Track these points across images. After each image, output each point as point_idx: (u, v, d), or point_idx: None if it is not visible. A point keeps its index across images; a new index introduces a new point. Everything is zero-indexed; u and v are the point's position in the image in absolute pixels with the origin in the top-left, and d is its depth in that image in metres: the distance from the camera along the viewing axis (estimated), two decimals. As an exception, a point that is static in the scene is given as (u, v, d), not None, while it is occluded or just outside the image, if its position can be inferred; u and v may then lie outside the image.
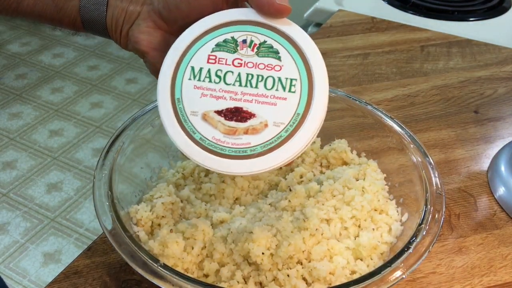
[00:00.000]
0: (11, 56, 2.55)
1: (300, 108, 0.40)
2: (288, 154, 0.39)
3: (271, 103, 0.40)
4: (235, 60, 0.41)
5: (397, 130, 0.57)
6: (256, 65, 0.41)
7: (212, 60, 0.41)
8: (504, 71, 0.88)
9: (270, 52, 0.41)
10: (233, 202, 0.57)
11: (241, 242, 0.48)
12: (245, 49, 0.41)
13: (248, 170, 0.40)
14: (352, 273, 0.48)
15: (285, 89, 0.40)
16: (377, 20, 1.02)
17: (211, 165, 0.40)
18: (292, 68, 0.40)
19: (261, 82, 0.40)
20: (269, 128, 0.40)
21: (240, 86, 0.41)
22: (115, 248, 0.44)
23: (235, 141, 0.40)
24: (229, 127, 0.40)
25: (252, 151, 0.40)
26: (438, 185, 0.51)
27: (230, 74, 0.41)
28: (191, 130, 0.41)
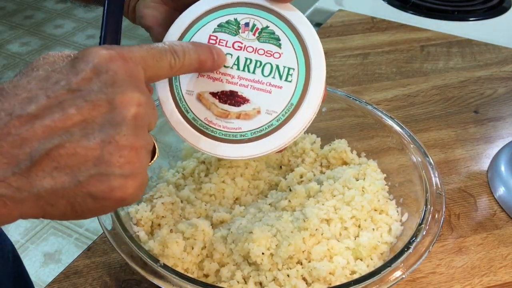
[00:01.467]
0: (11, 56, 2.55)
1: (294, 99, 0.40)
2: (277, 143, 0.39)
3: (266, 90, 0.40)
4: (235, 43, 0.41)
5: (397, 130, 0.57)
6: (256, 50, 0.40)
7: (212, 41, 0.41)
8: (504, 71, 0.88)
9: (271, 38, 0.40)
10: (233, 202, 0.57)
11: (241, 242, 0.48)
12: (246, 32, 0.41)
13: (235, 155, 0.40)
14: (352, 273, 0.48)
15: (282, 77, 0.40)
16: (377, 20, 1.02)
17: (200, 145, 0.40)
18: (291, 56, 0.40)
19: (258, 68, 0.40)
20: (261, 115, 0.40)
21: (238, 70, 0.40)
22: (115, 248, 0.44)
23: (226, 124, 0.40)
24: (222, 110, 0.40)
25: (242, 136, 0.40)
26: (438, 185, 0.51)
27: (229, 56, 0.41)
28: (184, 109, 0.41)
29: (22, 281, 0.72)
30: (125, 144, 0.30)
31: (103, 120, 0.30)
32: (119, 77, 0.30)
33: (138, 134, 0.30)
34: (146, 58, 0.33)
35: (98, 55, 0.30)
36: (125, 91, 0.30)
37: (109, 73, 0.30)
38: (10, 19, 2.84)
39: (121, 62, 0.31)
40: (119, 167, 0.30)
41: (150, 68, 0.33)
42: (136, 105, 0.30)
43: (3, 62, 2.50)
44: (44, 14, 2.91)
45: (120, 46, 0.32)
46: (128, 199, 0.31)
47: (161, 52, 0.34)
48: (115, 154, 0.30)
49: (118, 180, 0.30)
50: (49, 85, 0.30)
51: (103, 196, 0.30)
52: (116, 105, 0.30)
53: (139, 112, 0.30)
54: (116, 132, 0.30)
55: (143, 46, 0.33)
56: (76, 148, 0.29)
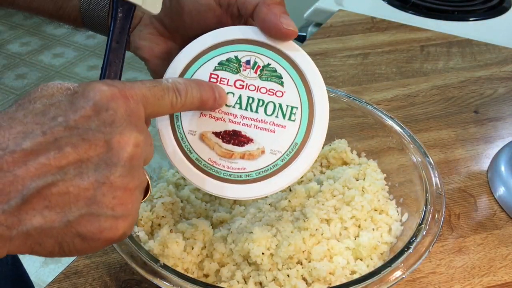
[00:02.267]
0: (11, 56, 2.55)
1: (298, 138, 0.40)
2: (282, 183, 0.40)
3: (270, 129, 0.40)
4: (237, 81, 0.40)
5: (397, 130, 0.57)
6: (258, 89, 0.40)
7: (213, 79, 0.41)
8: (504, 71, 0.88)
9: (273, 76, 0.40)
10: (233, 202, 0.57)
11: (241, 242, 0.48)
12: (248, 70, 0.40)
13: (241, 195, 0.40)
14: (352, 273, 0.48)
15: (285, 116, 0.40)
16: (377, 20, 1.02)
17: (204, 186, 0.40)
18: (294, 95, 0.40)
19: (261, 107, 0.40)
20: (265, 155, 0.40)
21: (240, 109, 0.40)
22: (115, 248, 0.44)
23: (230, 164, 0.40)
24: (226, 150, 0.40)
25: (247, 176, 0.40)
26: (438, 185, 0.51)
27: (231, 95, 0.40)
28: (187, 149, 0.41)
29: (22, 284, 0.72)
30: (119, 185, 0.29)
31: (99, 160, 0.29)
32: (119, 116, 0.30)
33: (133, 175, 0.30)
34: (148, 96, 0.32)
35: (99, 92, 0.30)
36: (124, 131, 0.30)
37: (109, 112, 0.30)
38: (10, 19, 2.84)
39: (122, 101, 0.30)
40: (111, 208, 0.29)
41: (151, 105, 0.33)
42: (133, 145, 0.30)
43: (3, 62, 2.50)
44: (44, 14, 2.91)
45: (122, 82, 0.32)
46: (118, 239, 0.31)
47: (163, 90, 0.34)
48: (108, 195, 0.29)
49: (109, 221, 0.30)
50: (46, 120, 0.29)
51: (92, 236, 0.30)
52: (113, 146, 0.29)
53: (136, 153, 0.30)
54: (111, 173, 0.29)
55: (145, 83, 0.33)
56: (69, 187, 0.28)
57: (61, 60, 2.53)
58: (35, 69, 2.45)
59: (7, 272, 0.68)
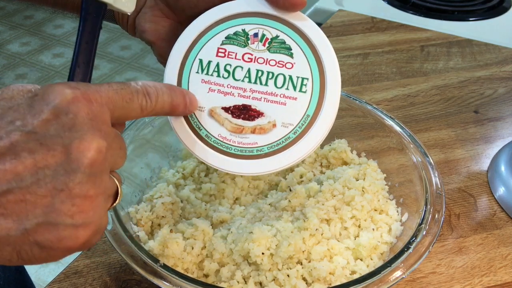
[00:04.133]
0: (11, 56, 2.55)
1: (310, 110, 0.38)
2: (295, 157, 0.38)
3: (281, 102, 0.39)
4: (245, 54, 0.40)
5: (397, 130, 0.57)
6: (267, 61, 0.39)
7: (221, 54, 0.40)
8: (504, 71, 0.88)
9: (282, 48, 0.39)
10: (233, 202, 0.57)
11: (241, 242, 0.48)
12: (256, 43, 0.40)
13: (253, 171, 0.39)
14: (352, 273, 0.48)
15: (296, 88, 0.39)
16: (377, 20, 1.02)
17: (215, 163, 0.39)
18: (304, 66, 0.39)
19: (271, 79, 0.39)
20: (277, 128, 0.39)
21: (249, 82, 0.39)
22: (115, 248, 0.44)
23: (241, 140, 0.39)
24: (236, 125, 0.39)
25: (258, 151, 0.39)
26: (438, 185, 0.51)
27: (239, 69, 0.40)
28: (197, 126, 0.40)
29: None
30: (78, 193, 0.28)
31: (57, 166, 0.28)
32: (79, 120, 0.28)
33: (94, 182, 0.29)
34: (115, 99, 0.31)
35: (60, 95, 0.28)
36: (84, 136, 0.28)
37: (68, 115, 0.28)
38: (10, 19, 2.84)
39: (84, 104, 0.29)
40: (70, 216, 0.28)
41: (119, 109, 0.31)
42: (94, 151, 0.28)
43: (3, 62, 2.50)
44: (44, 14, 2.91)
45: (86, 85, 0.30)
46: (79, 248, 0.30)
47: (132, 94, 0.32)
48: (67, 202, 0.28)
49: (68, 230, 0.28)
50: (3, 124, 0.28)
51: (50, 245, 0.28)
52: (72, 151, 0.28)
53: (97, 159, 0.29)
54: (70, 180, 0.28)
55: (112, 85, 0.31)
56: (25, 195, 0.27)
57: (61, 60, 2.53)
58: (35, 69, 2.45)
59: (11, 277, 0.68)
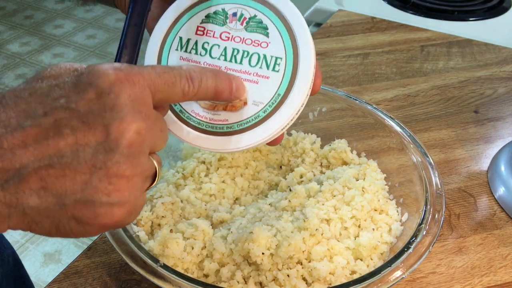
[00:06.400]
0: (11, 56, 2.55)
1: (281, 89, 0.38)
2: (264, 135, 0.38)
3: (253, 81, 0.39)
4: (223, 33, 0.40)
5: (397, 130, 0.57)
6: (243, 40, 0.40)
7: (200, 32, 0.41)
8: (504, 71, 0.88)
9: (258, 28, 0.40)
10: (233, 202, 0.57)
11: (241, 242, 0.48)
12: (234, 22, 0.40)
13: (221, 147, 0.39)
14: (352, 273, 0.48)
15: (269, 67, 0.39)
16: (377, 20, 1.02)
17: (185, 138, 0.40)
18: (279, 46, 0.39)
19: (246, 58, 0.39)
20: (248, 106, 0.39)
21: (225, 60, 0.40)
22: (115, 248, 0.44)
23: (213, 116, 0.39)
24: (209, 102, 0.40)
25: (228, 128, 0.39)
26: (438, 185, 0.51)
27: (216, 47, 0.40)
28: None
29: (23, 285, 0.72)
30: (115, 172, 0.29)
31: (97, 145, 0.28)
32: (121, 101, 0.29)
33: (132, 162, 0.29)
34: (157, 82, 0.31)
35: (104, 75, 0.29)
36: (124, 117, 0.29)
37: (110, 96, 0.29)
38: (10, 19, 2.84)
39: (127, 85, 0.29)
40: (106, 194, 0.29)
41: (161, 92, 0.32)
42: (133, 132, 0.29)
43: (3, 62, 2.50)
44: (44, 14, 2.91)
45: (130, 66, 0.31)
46: (115, 225, 0.31)
47: (175, 77, 0.32)
48: (104, 180, 0.29)
49: (104, 208, 0.29)
50: (49, 100, 0.29)
51: (87, 221, 0.29)
52: (111, 131, 0.28)
53: (136, 140, 0.29)
54: (108, 159, 0.28)
55: (156, 68, 0.32)
56: (65, 170, 0.28)
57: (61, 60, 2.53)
58: (35, 69, 2.45)
59: (9, 272, 0.68)
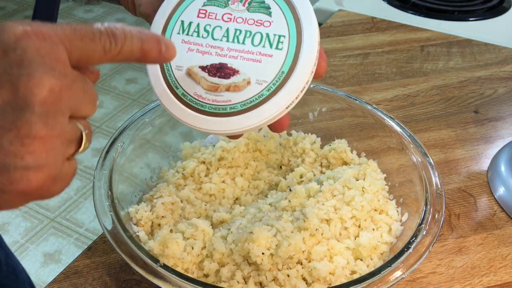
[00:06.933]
0: (11, 56, 2.55)
1: (285, 67, 0.38)
2: (267, 114, 0.38)
3: (256, 60, 0.39)
4: (225, 15, 0.40)
5: (397, 130, 0.57)
6: (246, 21, 0.40)
7: (202, 15, 0.41)
8: (504, 71, 0.88)
9: (261, 8, 0.40)
10: (233, 202, 0.57)
11: (241, 242, 0.48)
12: (236, 4, 0.40)
13: (225, 128, 0.38)
14: (352, 273, 0.48)
15: (272, 46, 0.39)
16: (377, 20, 1.02)
17: (188, 121, 0.39)
18: (281, 24, 0.39)
19: (248, 38, 0.39)
20: (251, 86, 0.38)
21: (227, 41, 0.39)
22: (115, 248, 0.44)
23: (216, 97, 0.39)
24: (211, 83, 0.39)
25: (231, 109, 0.38)
26: (438, 185, 0.51)
27: (218, 29, 0.40)
28: (174, 84, 0.40)
29: None
30: (26, 133, 0.27)
31: (5, 105, 0.26)
32: (28, 56, 0.27)
33: (46, 122, 0.27)
34: (72, 38, 0.29)
35: (10, 31, 0.27)
36: (33, 72, 0.26)
37: (17, 51, 0.27)
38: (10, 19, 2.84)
39: (35, 40, 0.27)
40: (20, 157, 0.27)
41: (78, 49, 0.29)
42: (44, 88, 0.27)
43: (3, 62, 2.50)
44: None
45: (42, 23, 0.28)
46: (36, 193, 0.29)
47: (93, 34, 0.30)
48: (16, 143, 0.27)
49: (18, 172, 0.27)
50: None
51: (2, 188, 0.27)
52: (19, 88, 0.26)
53: (49, 98, 0.27)
54: (17, 118, 0.26)
55: (71, 25, 0.29)
56: None
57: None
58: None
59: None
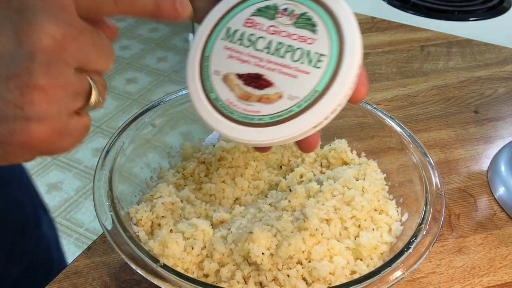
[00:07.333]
0: (11, 56, 2.55)
1: (319, 86, 0.38)
2: (294, 131, 0.37)
3: (293, 75, 0.38)
4: (270, 27, 0.40)
5: (397, 130, 0.57)
6: (290, 35, 0.40)
7: (248, 24, 0.41)
8: (504, 71, 0.88)
9: (307, 24, 0.39)
10: (233, 202, 0.57)
11: (241, 242, 0.48)
12: (284, 17, 0.40)
13: (246, 138, 0.38)
14: (352, 273, 0.48)
15: (311, 63, 0.38)
16: (377, 20, 1.02)
17: (215, 125, 0.40)
18: (325, 43, 0.38)
19: (289, 52, 0.39)
20: (282, 100, 0.38)
21: (268, 53, 0.40)
22: (115, 248, 0.44)
23: (246, 106, 0.39)
24: (244, 91, 0.39)
25: (259, 120, 0.38)
26: (438, 185, 0.51)
27: (261, 40, 0.40)
28: (209, 88, 0.40)
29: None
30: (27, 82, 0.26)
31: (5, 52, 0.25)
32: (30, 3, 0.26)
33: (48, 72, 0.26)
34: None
35: None
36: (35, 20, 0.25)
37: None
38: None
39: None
40: (19, 107, 0.26)
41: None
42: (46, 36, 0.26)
43: (3, 62, 2.50)
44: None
45: None
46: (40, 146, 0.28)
47: None
48: (15, 92, 0.26)
49: (18, 122, 0.26)
50: None
51: (3, 140, 0.27)
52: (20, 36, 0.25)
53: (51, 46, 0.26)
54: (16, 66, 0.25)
55: None
56: None
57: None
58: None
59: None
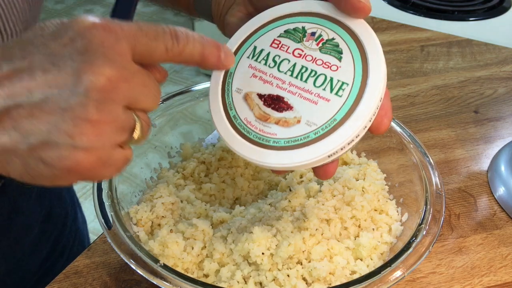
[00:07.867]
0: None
1: (339, 114, 0.37)
2: (308, 158, 0.37)
3: (313, 101, 0.38)
4: (296, 50, 0.40)
5: (397, 130, 0.57)
6: (315, 60, 0.39)
7: (275, 45, 0.41)
8: (504, 71, 0.88)
9: (333, 51, 0.39)
10: (233, 202, 0.57)
11: (241, 242, 0.48)
12: (310, 41, 0.40)
13: (259, 159, 0.38)
14: (352, 273, 0.48)
15: (333, 90, 0.38)
16: (377, 20, 1.02)
17: (231, 143, 0.40)
18: (348, 72, 0.38)
19: (312, 77, 0.39)
20: (300, 125, 0.38)
21: (291, 76, 0.40)
22: (115, 248, 0.44)
23: (263, 127, 0.39)
24: (263, 112, 0.39)
25: (275, 142, 0.38)
26: (438, 185, 0.51)
27: (286, 62, 0.40)
28: (229, 105, 0.41)
29: None
30: (80, 115, 0.29)
31: (65, 87, 0.29)
32: (93, 46, 0.29)
33: (99, 108, 0.29)
34: (137, 34, 0.32)
35: (81, 22, 0.30)
36: (94, 61, 0.29)
37: (83, 40, 0.30)
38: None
39: (101, 32, 0.30)
40: (70, 136, 0.29)
41: (141, 45, 0.32)
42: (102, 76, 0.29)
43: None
44: (44, 14, 2.91)
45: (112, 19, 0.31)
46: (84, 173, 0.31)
47: (157, 32, 0.33)
48: (69, 122, 0.29)
49: (67, 150, 0.29)
50: (30, 47, 0.30)
51: (52, 163, 0.30)
52: (79, 74, 0.29)
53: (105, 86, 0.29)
54: (74, 101, 0.29)
55: (138, 23, 0.32)
56: (33, 110, 0.29)
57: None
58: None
59: None
